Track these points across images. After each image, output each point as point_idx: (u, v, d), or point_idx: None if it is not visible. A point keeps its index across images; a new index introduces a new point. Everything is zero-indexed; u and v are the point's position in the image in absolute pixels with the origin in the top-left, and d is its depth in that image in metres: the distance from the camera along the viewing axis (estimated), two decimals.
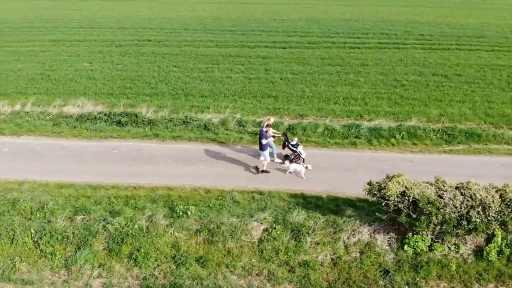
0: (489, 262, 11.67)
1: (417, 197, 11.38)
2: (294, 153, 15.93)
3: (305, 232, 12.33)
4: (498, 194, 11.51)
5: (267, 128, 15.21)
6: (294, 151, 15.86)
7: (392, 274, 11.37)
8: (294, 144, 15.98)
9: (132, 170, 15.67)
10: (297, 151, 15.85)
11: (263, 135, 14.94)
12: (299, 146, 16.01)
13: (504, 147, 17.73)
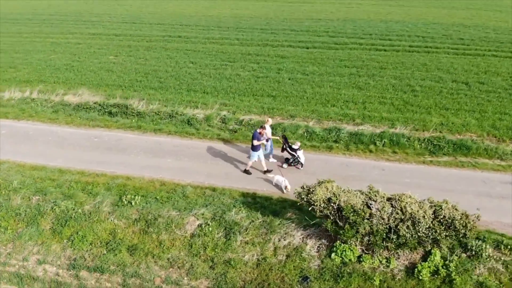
0: (419, 281, 11.04)
1: (342, 205, 11.00)
2: (293, 157, 15.67)
3: (237, 231, 12.40)
4: (432, 210, 10.87)
5: (261, 130, 15.10)
6: (293, 155, 15.57)
7: (310, 281, 11.12)
8: (295, 148, 15.60)
9: (103, 158, 16.55)
10: (296, 155, 15.51)
11: (255, 136, 14.88)
12: (299, 151, 15.59)
13: (496, 162, 16.51)
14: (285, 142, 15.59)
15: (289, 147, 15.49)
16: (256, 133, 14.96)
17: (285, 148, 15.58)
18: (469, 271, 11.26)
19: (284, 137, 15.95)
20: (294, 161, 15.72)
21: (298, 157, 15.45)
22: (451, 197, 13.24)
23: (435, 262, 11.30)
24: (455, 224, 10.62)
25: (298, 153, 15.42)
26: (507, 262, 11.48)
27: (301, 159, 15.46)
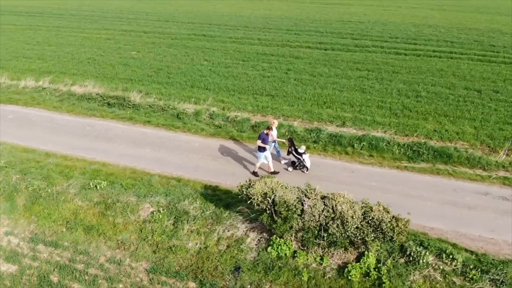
0: (348, 282, 11.14)
1: (277, 200, 11.35)
2: (298, 161, 15.55)
3: (185, 219, 13.00)
4: (362, 211, 10.94)
5: (268, 131, 14.95)
6: (298, 158, 15.39)
7: (241, 271, 11.54)
8: (301, 152, 15.42)
9: (88, 145, 17.76)
10: (301, 159, 15.33)
11: (261, 137, 14.76)
12: (305, 155, 15.38)
13: (477, 172, 16.05)
14: (291, 145, 15.45)
15: (295, 150, 15.37)
16: (262, 134, 14.88)
17: (290, 152, 15.46)
18: (402, 276, 11.10)
19: (290, 140, 15.77)
20: (299, 165, 15.61)
21: (304, 161, 15.29)
22: (414, 203, 13.29)
23: (368, 264, 11.23)
24: (382, 226, 10.54)
25: (303, 157, 15.27)
26: (446, 272, 11.22)
27: (306, 163, 15.31)
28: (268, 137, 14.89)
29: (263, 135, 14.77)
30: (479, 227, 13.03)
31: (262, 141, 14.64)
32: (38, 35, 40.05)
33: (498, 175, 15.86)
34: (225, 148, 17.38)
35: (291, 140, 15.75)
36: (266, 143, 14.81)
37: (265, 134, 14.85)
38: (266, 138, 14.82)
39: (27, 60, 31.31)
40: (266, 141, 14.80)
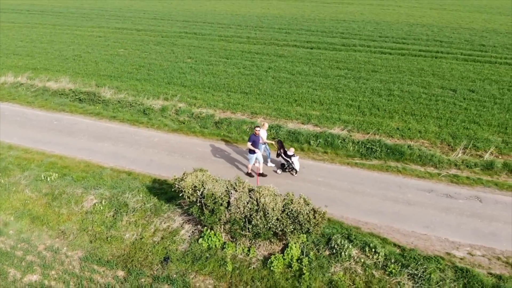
0: (271, 272, 11.50)
1: (205, 193, 11.77)
2: (287, 163, 15.49)
3: (125, 211, 13.49)
4: (283, 203, 11.30)
5: (257, 132, 14.84)
6: (287, 161, 15.36)
7: (170, 262, 11.98)
8: (290, 155, 15.37)
9: (51, 138, 18.37)
10: (290, 162, 15.29)
11: (251, 139, 14.68)
12: (294, 157, 15.34)
13: (428, 169, 16.25)
14: (280, 148, 15.43)
15: (284, 153, 15.37)
16: (252, 136, 14.75)
17: (279, 154, 15.44)
18: (323, 268, 11.40)
19: (279, 142, 15.69)
20: (288, 167, 15.61)
21: (293, 163, 15.27)
22: (355, 198, 13.71)
23: (291, 255, 11.56)
24: (300, 218, 10.87)
25: (292, 159, 15.24)
26: (367, 265, 11.48)
27: (295, 165, 15.26)
28: (258, 139, 14.76)
29: (253, 137, 14.62)
30: (414, 223, 13.22)
31: (252, 143, 14.56)
32: (33, 32, 41.06)
33: (449, 173, 15.96)
34: (183, 143, 17.84)
35: (280, 142, 15.73)
36: (256, 146, 14.71)
37: (255, 136, 14.67)
38: (256, 140, 14.67)
39: (16, 56, 32.20)
40: (256, 143, 14.68)
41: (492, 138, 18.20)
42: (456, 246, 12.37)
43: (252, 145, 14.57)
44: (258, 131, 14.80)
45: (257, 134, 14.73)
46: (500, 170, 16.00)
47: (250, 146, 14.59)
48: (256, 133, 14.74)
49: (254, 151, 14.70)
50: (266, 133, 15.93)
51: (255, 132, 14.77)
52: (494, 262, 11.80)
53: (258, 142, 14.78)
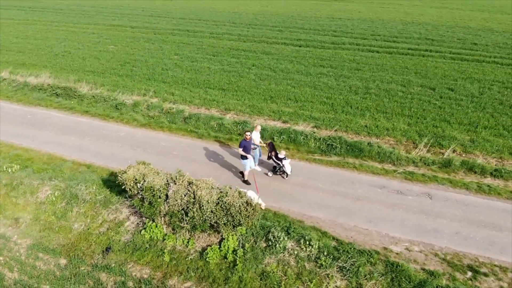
0: (206, 263, 11.87)
1: (145, 185, 12.19)
2: (278, 166, 15.26)
3: (76, 203, 14.00)
4: (217, 196, 11.66)
5: (247, 136, 14.19)
6: (278, 164, 15.13)
7: (111, 251, 12.44)
8: (281, 158, 15.06)
9: (22, 132, 18.99)
10: (281, 165, 15.01)
11: (241, 145, 14.12)
12: (285, 160, 15.00)
13: (385, 166, 16.45)
14: (271, 150, 15.13)
15: (275, 155, 15.09)
16: (243, 142, 14.12)
17: (270, 157, 15.19)
18: (257, 259, 11.72)
19: (271, 145, 15.36)
20: (279, 170, 15.32)
21: (283, 167, 14.94)
22: (305, 193, 14.15)
23: (227, 247, 11.90)
24: (231, 211, 11.20)
25: (283, 162, 14.92)
26: (300, 257, 11.77)
27: (286, 168, 14.92)
28: (249, 144, 14.14)
29: (244, 142, 14.00)
30: (358, 218, 13.43)
31: (243, 149, 13.97)
32: (30, 29, 42.00)
33: (406, 170, 16.09)
34: (148, 138, 18.28)
35: (272, 144, 15.41)
36: (247, 151, 14.12)
37: (246, 141, 14.00)
38: (247, 145, 14.05)
39: (8, 52, 33.05)
40: (247, 148, 14.06)
41: (460, 136, 18.26)
42: (396, 241, 12.53)
43: (243, 150, 13.96)
44: (249, 136, 14.09)
45: (247, 139, 14.03)
46: (458, 168, 16.08)
47: (241, 152, 13.99)
48: (247, 137, 14.02)
49: (247, 157, 14.13)
50: (259, 135, 15.49)
51: (245, 137, 14.05)
52: (430, 258, 11.96)
53: (249, 148, 14.14)
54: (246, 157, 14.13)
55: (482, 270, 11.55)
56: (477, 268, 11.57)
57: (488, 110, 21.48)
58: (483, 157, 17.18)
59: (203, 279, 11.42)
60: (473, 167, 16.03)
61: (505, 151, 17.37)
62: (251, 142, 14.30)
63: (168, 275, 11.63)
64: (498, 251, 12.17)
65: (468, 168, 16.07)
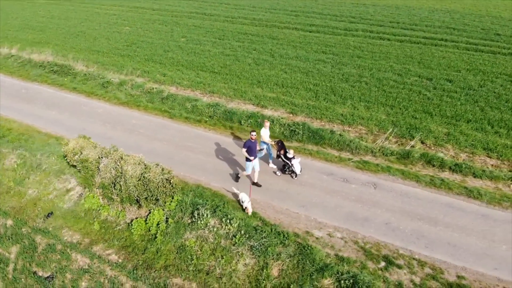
0: (131, 234, 12.83)
1: (80, 158, 13.27)
2: (287, 165, 14.69)
3: (33, 171, 15.37)
4: (141, 171, 12.52)
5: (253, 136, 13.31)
6: (287, 163, 14.56)
7: (52, 216, 13.68)
8: (289, 157, 14.47)
9: (12, 104, 20.70)
10: (290, 164, 14.47)
11: (246, 145, 13.24)
12: (294, 159, 14.39)
13: (343, 154, 16.65)
14: (280, 149, 14.52)
15: (284, 154, 14.50)
16: (247, 142, 13.22)
17: (279, 155, 14.61)
18: (178, 234, 12.49)
19: (280, 143, 14.71)
20: (288, 170, 14.76)
21: (292, 166, 14.42)
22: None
23: (152, 220, 12.75)
24: (150, 186, 12.00)
25: (292, 161, 14.35)
26: (218, 234, 12.41)
27: (295, 168, 14.34)
28: (255, 145, 13.16)
29: (248, 143, 13.07)
30: (293, 202, 13.78)
31: (248, 150, 13.08)
32: (58, 9, 44.46)
33: (362, 159, 16.16)
34: (122, 116, 19.36)
35: (281, 143, 14.72)
36: (252, 153, 13.22)
37: (251, 141, 13.09)
38: (252, 146, 13.08)
39: (29, 31, 35.35)
40: (252, 149, 13.11)
41: (436, 129, 17.92)
42: (321, 226, 12.81)
43: (247, 151, 13.09)
44: (255, 136, 13.18)
45: (253, 139, 13.09)
46: (416, 160, 15.94)
47: (245, 153, 13.14)
48: (252, 138, 13.10)
49: (250, 159, 13.29)
50: (268, 132, 14.58)
51: (250, 137, 13.17)
52: (349, 245, 12.18)
53: (254, 149, 13.18)
54: (249, 159, 13.29)
55: (398, 262, 11.55)
56: (393, 260, 11.59)
57: (480, 104, 20.76)
58: (454, 151, 16.78)
59: (124, 248, 12.25)
60: (431, 160, 15.76)
61: (479, 147, 16.83)
62: (256, 143, 13.32)
63: (94, 242, 12.55)
64: (424, 245, 12.10)
65: (427, 161, 15.82)
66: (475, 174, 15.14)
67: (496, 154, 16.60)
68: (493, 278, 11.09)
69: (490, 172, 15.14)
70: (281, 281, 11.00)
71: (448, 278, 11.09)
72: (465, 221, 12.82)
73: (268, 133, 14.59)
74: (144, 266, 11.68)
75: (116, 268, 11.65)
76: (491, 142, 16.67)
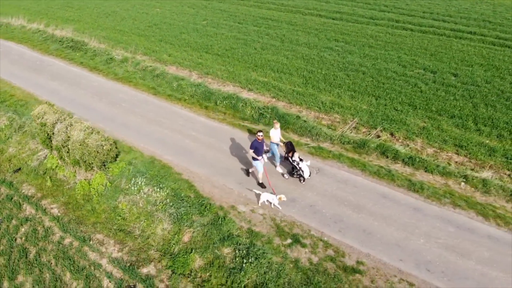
0: (75, 193, 14.67)
1: (40, 121, 15.28)
2: (294, 169, 14.20)
3: (16, 132, 17.70)
4: (84, 137, 14.26)
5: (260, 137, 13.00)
6: (294, 166, 14.08)
7: (20, 171, 15.87)
8: (298, 160, 13.97)
9: (23, 74, 23.35)
10: (297, 168, 13.96)
11: (253, 146, 12.98)
12: (302, 162, 13.87)
13: (303, 140, 17.28)
14: (288, 151, 14.14)
15: (291, 157, 14.10)
16: (254, 142, 13.00)
17: (287, 157, 14.32)
18: (113, 197, 14.11)
19: (288, 144, 14.31)
20: (296, 173, 14.28)
21: (300, 169, 13.94)
22: (204, 151, 16.14)
23: (94, 182, 14.47)
24: (88, 150, 13.67)
25: (301, 165, 13.83)
26: (148, 200, 13.84)
27: (304, 172, 13.83)
28: (262, 145, 12.99)
29: (255, 143, 12.87)
30: (231, 179, 14.73)
31: (255, 151, 12.93)
32: None
33: (320, 145, 16.78)
34: (112, 90, 21.16)
35: (290, 144, 14.33)
36: (259, 154, 13.03)
37: (258, 142, 12.87)
38: (258, 146, 12.89)
39: (69, 9, 38.67)
40: (259, 150, 12.93)
41: (413, 122, 18.00)
42: (248, 202, 13.75)
43: (254, 152, 12.97)
44: (261, 137, 12.94)
45: (259, 139, 12.88)
46: (372, 151, 16.25)
47: (252, 154, 13.04)
48: (259, 138, 12.87)
49: (257, 159, 13.14)
50: (279, 133, 14.23)
51: (257, 138, 12.95)
52: (266, 221, 13.02)
53: (261, 149, 13.03)
54: (256, 159, 13.12)
55: (304, 241, 12.21)
56: (300, 239, 12.26)
57: (476, 100, 20.36)
58: (422, 145, 16.87)
59: (66, 204, 13.99)
60: (386, 151, 16.00)
61: (450, 143, 16.79)
62: (263, 143, 13.15)
63: (44, 196, 14.39)
64: (338, 229, 12.63)
65: (381, 152, 16.07)
66: (427, 169, 15.14)
67: (466, 151, 16.37)
68: (394, 268, 11.35)
69: (443, 168, 15.08)
70: (188, 246, 12.10)
71: (347, 262, 11.52)
72: (392, 212, 13.07)
73: (279, 134, 14.10)
74: (77, 221, 13.26)
75: (53, 220, 13.33)
76: (467, 139, 16.49)
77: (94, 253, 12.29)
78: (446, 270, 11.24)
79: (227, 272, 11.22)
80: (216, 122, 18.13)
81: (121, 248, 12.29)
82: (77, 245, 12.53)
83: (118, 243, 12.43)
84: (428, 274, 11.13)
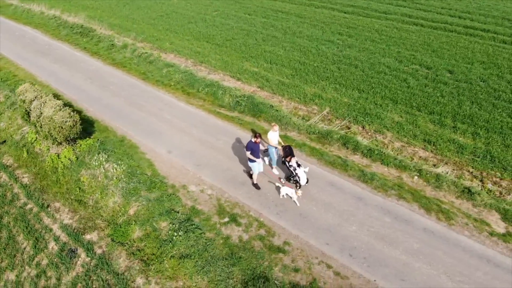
0: (45, 165, 16.28)
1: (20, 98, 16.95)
2: (291, 174, 13.81)
3: (8, 109, 19.57)
4: (52, 113, 15.77)
5: (256, 139, 12.82)
6: (291, 172, 13.67)
7: (5, 144, 17.64)
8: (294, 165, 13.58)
9: (30, 56, 25.30)
10: (294, 173, 13.54)
11: (248, 147, 12.89)
12: (299, 168, 13.47)
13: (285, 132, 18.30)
14: (286, 155, 13.65)
15: (288, 161, 13.65)
16: (249, 143, 12.94)
17: (283, 162, 13.88)
18: (77, 170, 15.55)
19: (286, 148, 13.87)
20: (293, 179, 13.84)
21: (297, 176, 13.47)
22: (175, 134, 17.16)
23: (62, 156, 15.95)
24: (52, 126, 15.13)
25: (297, 171, 13.42)
26: (106, 175, 15.16)
27: (300, 179, 13.42)
28: (257, 146, 12.86)
29: (251, 144, 12.80)
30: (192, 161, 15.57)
31: (251, 152, 12.87)
32: None
33: (287, 134, 17.57)
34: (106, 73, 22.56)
35: (289, 148, 13.88)
36: (256, 155, 12.96)
37: (253, 143, 12.80)
38: (254, 148, 12.82)
39: None
40: (255, 152, 12.88)
41: (387, 116, 18.39)
42: (200, 183, 14.70)
43: (251, 153, 12.96)
44: (259, 140, 12.85)
45: (257, 142, 12.83)
46: (334, 141, 16.83)
47: (249, 156, 13.04)
48: (257, 141, 12.82)
49: (254, 160, 13.11)
50: (277, 135, 13.97)
51: (255, 141, 12.85)
52: (211, 201, 13.92)
53: (258, 151, 12.94)
54: (254, 160, 13.13)
55: (241, 220, 13.07)
56: (237, 218, 13.13)
57: (462, 98, 20.42)
58: (391, 138, 17.30)
59: (36, 174, 15.49)
60: (347, 142, 16.53)
61: (420, 138, 17.13)
62: (259, 146, 13.05)
63: (19, 166, 15.97)
64: (276, 212, 13.35)
65: (343, 143, 16.61)
66: (383, 161, 15.55)
67: (433, 147, 16.65)
68: (318, 251, 11.99)
69: (400, 161, 15.44)
70: (132, 218, 13.23)
71: (274, 242, 12.27)
72: (334, 199, 13.64)
73: (277, 137, 13.89)
74: (41, 190, 14.70)
75: (21, 188, 14.84)
76: (438, 135, 16.71)
77: (49, 218, 13.62)
78: (369, 257, 11.69)
79: (160, 243, 12.21)
80: (193, 108, 19.07)
81: (73, 216, 13.56)
82: (36, 211, 13.89)
83: (72, 212, 13.70)
84: (349, 259, 11.65)
